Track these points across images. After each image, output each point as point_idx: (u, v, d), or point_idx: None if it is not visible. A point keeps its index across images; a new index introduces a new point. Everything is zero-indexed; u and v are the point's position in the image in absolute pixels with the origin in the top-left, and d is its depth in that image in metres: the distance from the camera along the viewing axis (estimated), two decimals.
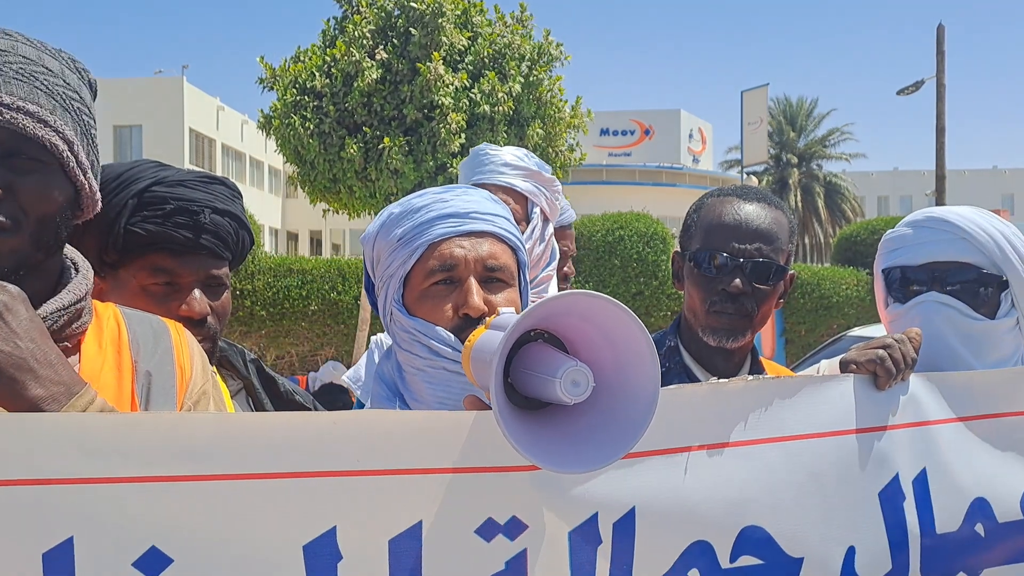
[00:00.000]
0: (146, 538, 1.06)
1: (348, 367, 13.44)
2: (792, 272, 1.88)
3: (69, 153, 1.25)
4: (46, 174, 1.23)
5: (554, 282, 2.52)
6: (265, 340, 13.91)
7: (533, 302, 2.38)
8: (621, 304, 1.08)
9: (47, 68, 1.26)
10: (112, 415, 1.12)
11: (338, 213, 12.61)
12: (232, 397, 1.82)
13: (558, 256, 2.54)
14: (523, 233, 2.39)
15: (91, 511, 1.04)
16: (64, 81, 1.28)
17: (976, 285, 1.84)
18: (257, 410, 1.91)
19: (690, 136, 51.33)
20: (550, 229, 2.49)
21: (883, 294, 1.98)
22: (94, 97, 1.37)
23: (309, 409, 1.98)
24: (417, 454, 1.19)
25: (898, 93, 20.32)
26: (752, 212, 1.83)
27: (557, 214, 2.55)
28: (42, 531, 1.03)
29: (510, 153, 2.47)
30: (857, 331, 8.73)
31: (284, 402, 1.95)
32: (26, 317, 1.13)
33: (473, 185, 2.37)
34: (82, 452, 1.05)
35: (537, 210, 2.45)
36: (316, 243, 49.66)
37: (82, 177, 1.28)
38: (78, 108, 1.29)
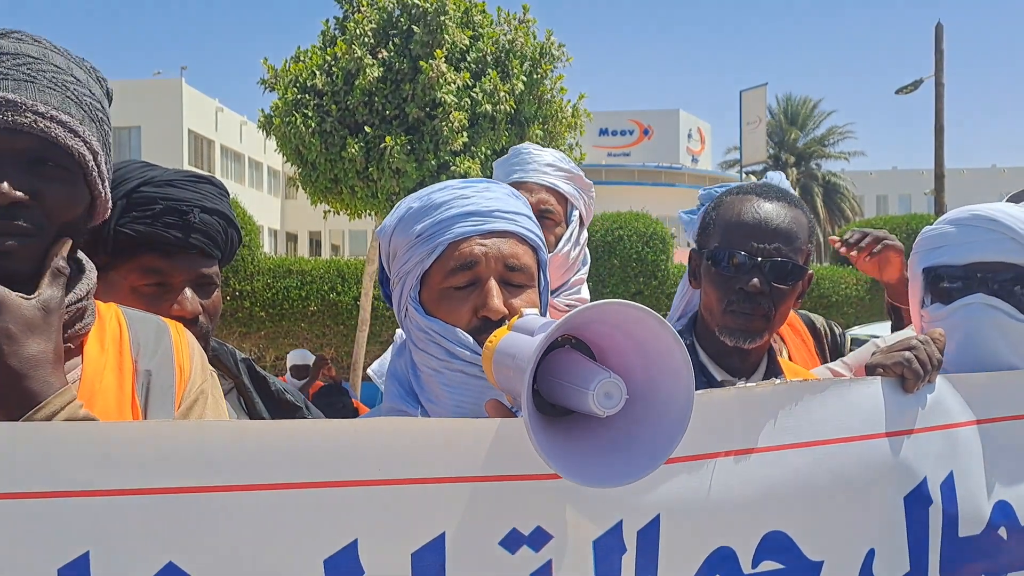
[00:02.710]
0: (163, 553, 1.03)
1: (348, 367, 13.38)
2: (811, 272, 1.85)
3: (93, 163, 1.28)
4: (71, 183, 1.26)
5: (585, 285, 2.51)
6: (264, 341, 13.89)
7: (570, 306, 2.37)
8: (656, 314, 1.06)
9: (76, 78, 1.29)
10: (131, 424, 1.10)
11: (339, 214, 12.56)
12: (224, 396, 1.82)
13: (589, 260, 2.52)
14: (562, 236, 2.39)
15: (108, 525, 1.01)
16: (90, 91, 1.31)
17: (1022, 288, 1.79)
18: (248, 409, 1.92)
19: (689, 136, 51.45)
20: (585, 234, 2.48)
21: (920, 294, 1.92)
22: (110, 104, 1.39)
23: (300, 407, 1.99)
24: (440, 462, 1.16)
25: (897, 92, 20.34)
26: (771, 211, 1.80)
27: (591, 218, 2.55)
28: (58, 546, 1.00)
29: (552, 155, 2.48)
30: (856, 330, 8.73)
31: (275, 401, 1.95)
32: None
33: (514, 183, 2.35)
34: (98, 463, 1.02)
35: (576, 213, 2.45)
36: (315, 244, 49.68)
37: (100, 186, 1.31)
38: (101, 118, 1.32)
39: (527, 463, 1.13)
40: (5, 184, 1.18)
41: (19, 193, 1.19)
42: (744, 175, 33.30)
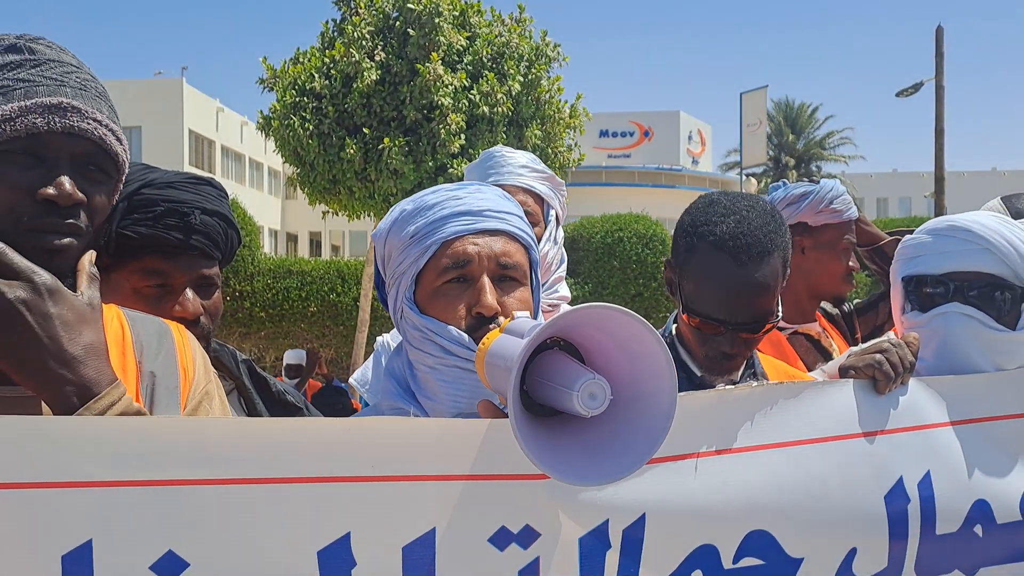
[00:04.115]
0: (163, 542, 1.07)
1: (348, 367, 13.37)
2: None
3: (125, 169, 1.35)
4: (109, 187, 1.32)
5: (564, 283, 2.54)
6: (264, 341, 13.91)
7: (552, 304, 2.40)
8: (640, 317, 1.09)
9: (103, 88, 1.35)
10: (133, 419, 1.13)
11: (337, 215, 12.61)
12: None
13: (566, 259, 2.56)
14: (540, 236, 2.43)
15: (110, 514, 1.06)
16: (111, 100, 1.36)
17: (998, 296, 1.83)
18: (249, 410, 1.95)
19: (689, 138, 51.40)
20: (561, 232, 2.52)
21: (900, 301, 1.97)
22: None
23: (301, 408, 2.02)
24: (432, 461, 1.20)
25: (897, 95, 20.30)
26: (745, 278, 1.76)
27: (565, 216, 2.59)
28: (61, 533, 1.04)
29: (525, 156, 2.52)
30: None
31: (276, 402, 1.98)
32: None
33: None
34: (102, 456, 1.06)
35: (553, 213, 2.50)
36: (315, 244, 49.64)
37: (118, 192, 1.37)
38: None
39: (517, 463, 1.16)
40: (69, 184, 1.23)
41: (80, 195, 1.24)
42: (744, 177, 33.31)
